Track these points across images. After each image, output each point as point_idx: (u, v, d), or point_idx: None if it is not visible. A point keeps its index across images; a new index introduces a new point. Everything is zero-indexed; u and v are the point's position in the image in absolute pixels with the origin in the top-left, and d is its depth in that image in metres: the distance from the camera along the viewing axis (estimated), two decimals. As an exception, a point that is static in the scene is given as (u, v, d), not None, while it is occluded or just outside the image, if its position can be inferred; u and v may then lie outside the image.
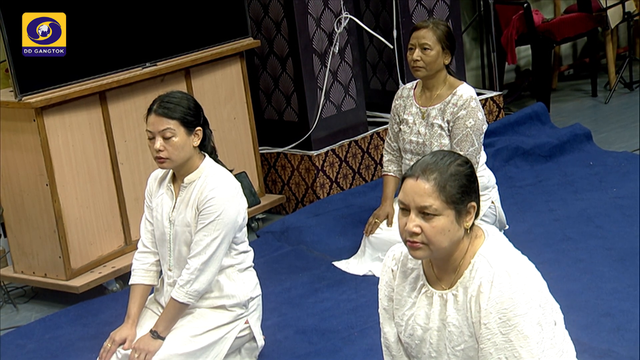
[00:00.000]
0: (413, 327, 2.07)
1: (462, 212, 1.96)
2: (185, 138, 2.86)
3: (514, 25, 5.78)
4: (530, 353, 1.90)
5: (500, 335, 1.91)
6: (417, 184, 1.95)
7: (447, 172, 1.95)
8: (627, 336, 2.99)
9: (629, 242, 3.73)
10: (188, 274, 2.88)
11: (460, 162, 1.99)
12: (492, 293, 1.92)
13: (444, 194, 1.93)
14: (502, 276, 1.93)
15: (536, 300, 1.94)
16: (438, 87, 3.66)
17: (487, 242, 2.01)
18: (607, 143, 5.11)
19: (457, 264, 2.01)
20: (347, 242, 4.04)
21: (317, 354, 3.11)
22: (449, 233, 1.95)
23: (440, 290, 2.03)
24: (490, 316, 1.92)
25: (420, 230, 1.94)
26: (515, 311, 1.90)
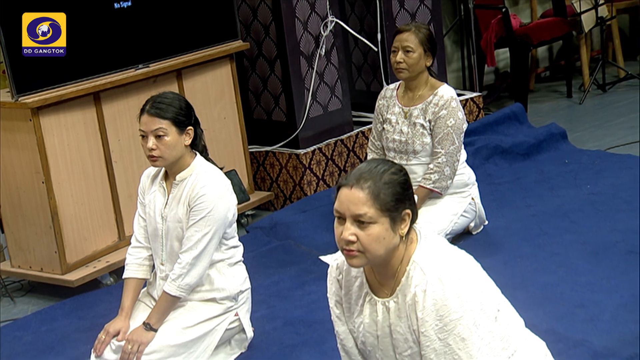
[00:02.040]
0: (364, 335, 2.07)
1: (396, 220, 1.93)
2: (177, 137, 2.85)
3: (493, 29, 5.79)
4: (468, 354, 1.90)
5: (438, 341, 1.90)
6: (352, 193, 1.91)
7: (380, 180, 1.92)
8: (600, 326, 3.00)
9: (602, 237, 3.74)
10: (180, 268, 2.88)
11: (395, 170, 1.96)
12: (426, 302, 1.90)
13: (378, 202, 1.90)
14: (434, 284, 1.91)
15: (471, 302, 1.92)
16: (420, 88, 3.67)
17: (419, 247, 1.98)
18: (582, 142, 5.13)
19: (394, 270, 1.98)
20: (333, 237, 3.93)
21: (304, 344, 3.11)
22: (384, 241, 1.91)
23: (383, 297, 2.02)
24: (426, 324, 1.90)
25: (356, 238, 1.90)
26: (450, 317, 1.89)
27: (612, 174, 4.48)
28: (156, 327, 2.89)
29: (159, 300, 2.92)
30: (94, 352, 2.93)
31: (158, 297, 2.96)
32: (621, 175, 4.44)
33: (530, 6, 6.65)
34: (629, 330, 2.93)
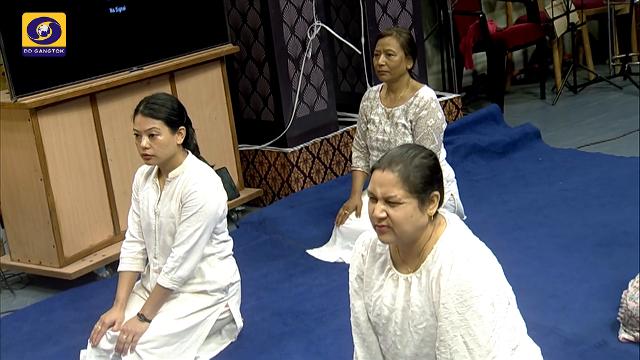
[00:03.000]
0: (380, 308, 2.07)
1: (425, 201, 1.97)
2: (170, 136, 2.84)
3: (470, 33, 5.80)
4: (483, 331, 1.92)
5: (457, 315, 1.92)
6: (384, 175, 1.96)
7: (411, 164, 1.96)
8: (571, 315, 3.02)
9: (573, 231, 3.77)
10: (172, 262, 2.87)
11: (425, 154, 2.00)
12: (451, 275, 1.93)
13: (408, 184, 1.94)
14: (461, 260, 1.94)
15: (491, 283, 1.95)
16: (401, 90, 3.67)
17: (448, 229, 2.02)
18: (554, 141, 5.15)
19: (421, 248, 2.01)
20: (319, 231, 4.04)
21: (292, 334, 3.11)
22: (412, 219, 1.95)
23: (405, 273, 2.04)
24: (448, 297, 1.92)
25: (386, 215, 1.94)
26: (472, 293, 1.91)
27: (583, 172, 4.51)
28: (150, 318, 2.88)
29: (153, 292, 2.91)
30: (90, 341, 2.92)
31: (151, 290, 2.96)
32: (591, 173, 4.47)
33: (506, 12, 6.67)
34: (598, 319, 2.95)
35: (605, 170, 4.46)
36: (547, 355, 2.20)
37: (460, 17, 5.84)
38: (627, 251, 3.44)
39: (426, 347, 2.03)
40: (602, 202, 4.06)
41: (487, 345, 1.91)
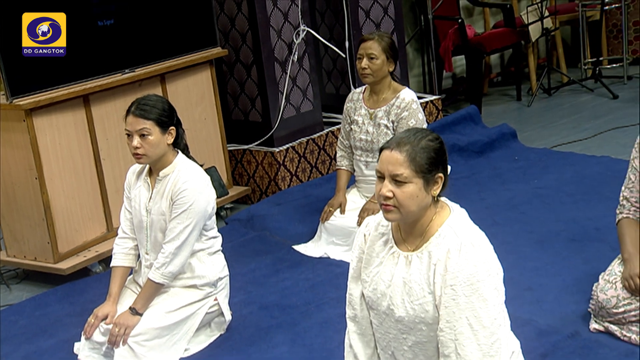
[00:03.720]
0: (377, 282, 2.08)
1: (430, 181, 1.98)
2: (160, 136, 2.83)
3: (450, 38, 5.82)
4: (488, 314, 1.93)
5: (464, 297, 1.92)
6: (392, 155, 1.97)
7: (418, 145, 1.97)
8: (545, 307, 3.03)
9: (547, 227, 3.78)
10: (163, 258, 2.86)
11: (431, 137, 2.01)
12: (460, 259, 1.93)
13: (414, 164, 1.95)
14: (467, 246, 1.95)
15: (494, 269, 1.98)
16: (384, 92, 3.67)
17: (453, 215, 2.03)
18: (530, 141, 5.17)
19: (423, 229, 2.02)
20: (305, 228, 4.04)
21: (279, 327, 3.11)
22: (417, 199, 1.96)
23: (406, 251, 2.04)
24: (456, 279, 1.93)
25: (392, 194, 1.95)
26: (478, 277, 1.92)
27: (557, 170, 4.53)
28: (141, 312, 2.87)
29: (144, 286, 2.90)
30: (84, 334, 2.91)
31: (143, 284, 2.95)
32: (565, 171, 4.49)
33: (484, 17, 6.69)
34: (571, 310, 2.97)
35: (578, 169, 4.49)
36: (523, 345, 2.21)
37: (440, 22, 5.85)
38: (598, 246, 3.46)
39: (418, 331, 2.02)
40: (574, 199, 4.08)
41: (491, 327, 1.92)
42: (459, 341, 1.92)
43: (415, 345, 2.05)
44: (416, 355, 2.06)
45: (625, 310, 2.71)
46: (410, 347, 2.06)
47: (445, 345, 1.94)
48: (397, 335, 2.07)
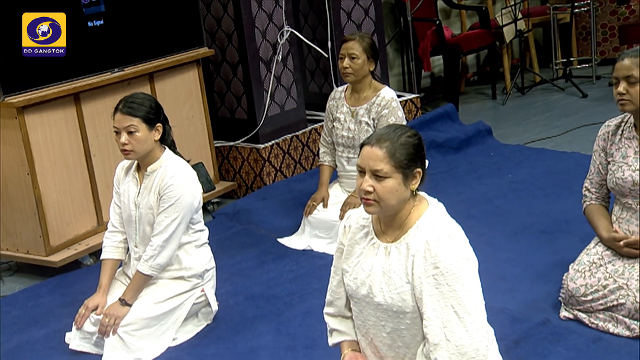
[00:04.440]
0: (358, 272, 2.08)
1: (408, 176, 1.98)
2: (147, 133, 2.81)
3: (428, 39, 5.82)
4: (471, 301, 1.93)
5: (446, 286, 1.92)
6: (372, 150, 1.96)
7: (397, 141, 1.97)
8: (518, 296, 3.04)
9: (520, 219, 3.80)
10: (152, 250, 2.84)
11: (410, 134, 2.01)
12: (439, 250, 1.93)
13: (394, 159, 1.95)
14: (445, 237, 1.95)
15: (473, 260, 1.99)
16: (365, 90, 3.67)
17: (430, 209, 2.03)
18: (504, 137, 5.19)
19: (402, 221, 2.02)
20: (289, 221, 4.03)
21: (264, 317, 3.10)
22: (396, 193, 1.96)
23: (386, 243, 2.04)
24: (437, 270, 1.93)
25: (373, 189, 1.95)
26: (459, 266, 1.93)
27: (530, 165, 4.55)
28: (131, 303, 2.85)
29: (133, 278, 2.88)
30: (75, 324, 2.89)
31: (132, 276, 2.93)
32: (537, 166, 4.51)
33: (460, 19, 6.71)
34: (542, 299, 2.99)
35: (549, 164, 4.51)
36: (497, 332, 2.21)
37: (419, 23, 5.86)
38: (568, 238, 3.48)
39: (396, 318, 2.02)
40: (546, 193, 4.10)
41: (475, 313, 1.93)
42: (448, 328, 1.92)
43: (393, 332, 2.05)
44: (394, 341, 2.06)
45: (593, 298, 2.74)
46: (388, 333, 2.06)
47: (434, 334, 1.93)
48: (376, 322, 2.07)
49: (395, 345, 2.06)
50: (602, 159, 2.87)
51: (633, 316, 2.66)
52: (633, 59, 2.64)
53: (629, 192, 2.75)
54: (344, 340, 2.20)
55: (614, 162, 2.80)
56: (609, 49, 6.67)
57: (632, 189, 2.74)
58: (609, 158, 2.84)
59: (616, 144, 2.81)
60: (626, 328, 2.67)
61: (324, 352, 2.62)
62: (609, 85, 6.05)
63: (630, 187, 2.74)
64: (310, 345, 2.83)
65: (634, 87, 2.64)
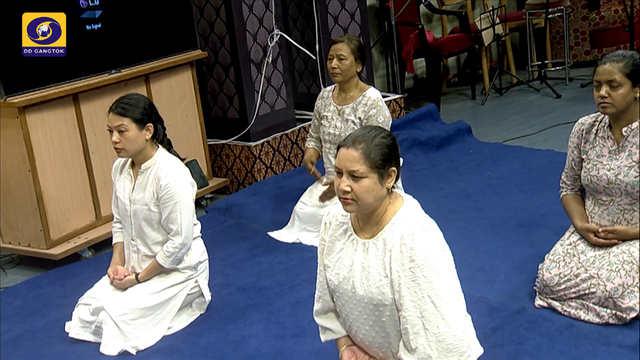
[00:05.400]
0: (340, 267, 2.08)
1: (384, 175, 1.97)
2: (137, 133, 2.80)
3: (411, 42, 5.83)
4: (446, 290, 1.94)
5: (423, 278, 1.92)
6: (348, 152, 1.96)
7: (372, 142, 1.96)
8: (496, 286, 3.05)
9: (498, 213, 3.81)
10: (173, 248, 2.89)
11: (384, 135, 2.00)
12: (414, 244, 1.93)
13: (369, 160, 1.94)
14: (419, 231, 1.95)
15: (447, 251, 1.99)
16: (351, 90, 3.67)
17: (405, 205, 2.03)
18: (483, 136, 5.20)
19: (379, 218, 2.01)
20: (279, 216, 4.03)
21: (254, 307, 3.10)
22: (373, 192, 1.95)
23: (364, 239, 2.04)
24: (414, 263, 1.93)
25: (350, 189, 1.95)
26: (434, 258, 1.93)
27: (507, 162, 4.56)
28: (141, 280, 2.92)
29: (152, 264, 2.92)
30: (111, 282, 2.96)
31: (130, 268, 2.97)
32: (514, 163, 4.52)
33: (442, 24, 6.71)
34: (518, 289, 3.00)
35: (526, 161, 4.52)
36: (476, 320, 2.22)
37: (402, 27, 5.86)
38: (543, 231, 3.50)
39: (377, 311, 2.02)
40: (522, 188, 4.12)
41: (450, 302, 1.93)
42: (425, 317, 1.92)
43: (375, 324, 2.05)
44: (377, 333, 2.06)
45: (565, 287, 2.75)
46: (371, 326, 2.06)
47: (412, 324, 1.94)
48: (359, 316, 2.07)
49: (378, 337, 2.07)
50: (575, 155, 2.89)
51: (603, 304, 2.68)
52: (614, 63, 2.65)
53: (603, 189, 2.77)
54: (337, 337, 2.19)
55: (589, 160, 2.81)
56: (581, 53, 6.70)
57: (606, 186, 2.75)
58: (583, 155, 2.85)
59: (590, 143, 2.82)
60: (596, 315, 2.69)
61: (312, 339, 2.63)
62: (581, 87, 6.08)
63: (605, 185, 2.75)
64: (298, 334, 2.83)
65: (615, 91, 2.64)
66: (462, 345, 1.95)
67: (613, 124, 2.77)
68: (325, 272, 2.13)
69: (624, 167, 2.72)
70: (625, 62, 2.65)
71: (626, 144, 2.74)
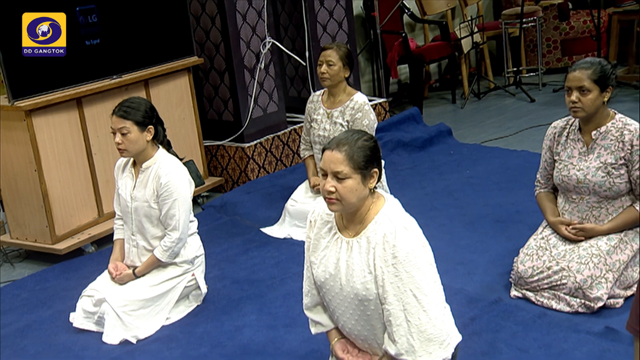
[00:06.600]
0: (326, 265, 2.07)
1: (366, 176, 1.97)
2: (139, 134, 2.80)
3: (395, 49, 5.84)
4: (427, 284, 1.94)
5: (405, 273, 1.92)
6: (332, 154, 1.95)
7: (355, 145, 1.95)
8: (475, 278, 3.07)
9: (477, 210, 3.82)
10: (170, 243, 2.88)
11: (366, 138, 2.00)
12: (396, 241, 1.93)
13: (352, 162, 1.94)
14: (401, 229, 1.95)
15: (427, 247, 1.98)
16: (339, 94, 3.67)
17: (387, 204, 2.02)
18: (463, 137, 5.21)
19: (362, 217, 2.01)
20: (271, 213, 4.03)
21: (248, 298, 3.10)
22: (356, 192, 1.95)
23: (348, 237, 2.04)
24: (396, 259, 1.93)
25: (335, 189, 1.94)
26: (415, 254, 1.93)
27: (485, 162, 4.57)
28: (138, 275, 2.91)
29: (149, 259, 2.91)
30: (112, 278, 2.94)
31: (131, 262, 2.96)
32: (492, 163, 4.54)
33: (424, 32, 6.73)
34: (495, 281, 3.01)
35: (502, 161, 4.53)
36: (455, 310, 2.23)
37: (387, 35, 5.87)
38: (518, 226, 3.51)
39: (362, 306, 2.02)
40: (499, 187, 4.13)
41: (431, 295, 1.93)
42: (407, 310, 1.92)
43: (360, 318, 2.05)
44: (363, 327, 2.06)
45: (538, 278, 2.77)
46: (357, 320, 2.06)
47: (396, 316, 1.94)
48: (345, 311, 2.06)
49: (364, 330, 2.06)
50: (547, 157, 2.91)
51: (573, 294, 2.70)
52: (583, 70, 2.67)
53: (573, 188, 2.79)
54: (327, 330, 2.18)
55: (561, 161, 2.83)
56: (553, 60, 6.75)
57: (576, 186, 2.78)
58: (555, 157, 2.87)
59: (562, 144, 2.85)
60: (567, 305, 2.71)
61: (302, 329, 2.63)
62: (554, 92, 6.11)
63: (575, 184, 2.77)
64: (289, 324, 2.83)
65: (585, 96, 2.66)
66: (442, 334, 1.96)
67: (583, 127, 2.80)
68: (311, 269, 2.13)
69: (592, 167, 2.74)
70: (593, 69, 2.67)
71: (595, 146, 2.76)
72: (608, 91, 2.69)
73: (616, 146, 2.71)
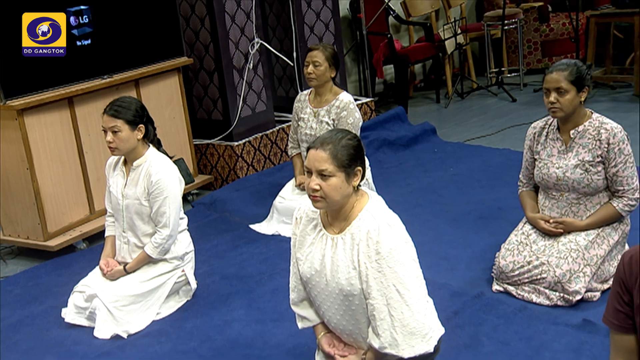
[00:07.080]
0: (312, 261, 2.07)
1: (350, 174, 1.96)
2: (130, 133, 2.78)
3: (381, 50, 5.84)
4: (410, 279, 1.94)
5: (388, 269, 1.93)
6: (317, 153, 1.95)
7: (339, 144, 1.95)
8: (458, 273, 3.08)
9: (460, 207, 3.83)
10: (160, 239, 2.86)
11: (350, 137, 1.99)
12: (379, 238, 1.93)
13: (336, 160, 1.93)
14: (384, 226, 1.95)
15: (410, 243, 1.99)
16: (326, 94, 3.67)
17: (370, 202, 2.02)
18: (447, 136, 5.23)
19: (346, 214, 2.01)
20: (260, 210, 4.02)
21: (237, 293, 3.10)
22: (340, 190, 1.95)
23: (332, 234, 2.04)
24: (379, 255, 1.93)
25: (319, 187, 1.94)
26: (398, 250, 1.93)
27: (468, 160, 4.59)
28: (129, 271, 2.89)
29: (140, 255, 2.90)
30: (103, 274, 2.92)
31: (122, 258, 2.95)
32: (474, 161, 4.56)
33: (409, 34, 6.74)
34: (478, 276, 3.03)
35: (485, 159, 4.56)
36: (439, 304, 2.24)
37: (373, 36, 5.87)
38: (500, 222, 3.53)
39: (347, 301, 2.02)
40: (482, 184, 4.15)
41: (413, 289, 1.94)
42: (391, 304, 1.93)
43: (345, 313, 2.05)
44: (348, 322, 2.06)
45: (519, 273, 2.79)
46: (342, 315, 2.06)
47: (379, 311, 1.94)
48: (331, 306, 2.07)
49: (348, 324, 2.07)
50: (528, 157, 2.94)
51: (552, 288, 2.72)
52: (560, 72, 2.69)
53: (553, 185, 2.82)
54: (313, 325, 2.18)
55: (541, 159, 2.86)
56: (533, 61, 6.79)
57: (555, 183, 2.80)
58: (535, 156, 2.90)
59: (542, 144, 2.87)
60: (546, 298, 2.73)
61: (289, 324, 2.63)
62: (534, 92, 6.15)
63: (554, 181, 2.80)
64: (277, 319, 2.83)
65: (563, 97, 2.69)
66: (424, 328, 1.97)
67: (561, 126, 2.82)
68: (297, 265, 2.12)
69: (571, 165, 2.77)
70: (570, 71, 2.69)
71: (573, 145, 2.79)
72: (585, 91, 2.71)
73: (593, 144, 2.74)
